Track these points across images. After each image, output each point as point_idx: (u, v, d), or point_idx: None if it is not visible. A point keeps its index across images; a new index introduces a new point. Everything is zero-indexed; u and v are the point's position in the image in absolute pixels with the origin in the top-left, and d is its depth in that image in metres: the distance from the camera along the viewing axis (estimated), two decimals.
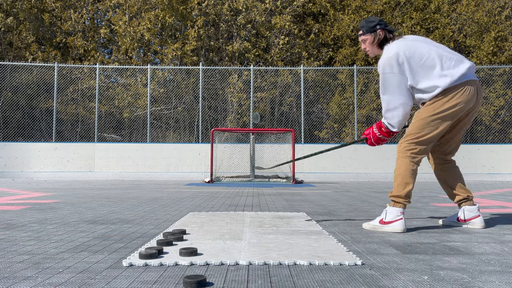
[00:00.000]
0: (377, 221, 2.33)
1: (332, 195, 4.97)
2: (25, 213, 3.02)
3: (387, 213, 2.28)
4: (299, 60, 13.83)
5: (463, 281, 1.30)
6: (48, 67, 11.03)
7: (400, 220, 2.24)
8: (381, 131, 2.42)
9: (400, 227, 2.24)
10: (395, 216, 2.25)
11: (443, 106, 2.21)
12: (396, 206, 2.27)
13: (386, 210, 2.30)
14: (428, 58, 2.23)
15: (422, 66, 2.23)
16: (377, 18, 2.43)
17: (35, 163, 10.09)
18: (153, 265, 1.48)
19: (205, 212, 3.11)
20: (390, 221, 2.26)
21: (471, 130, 11.90)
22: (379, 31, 2.39)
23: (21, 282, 1.28)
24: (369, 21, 2.43)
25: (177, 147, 10.33)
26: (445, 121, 2.24)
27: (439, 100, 2.22)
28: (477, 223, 2.40)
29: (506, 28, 13.30)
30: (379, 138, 2.45)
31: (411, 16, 13.90)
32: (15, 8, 13.31)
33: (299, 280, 1.31)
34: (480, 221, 2.40)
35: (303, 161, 10.09)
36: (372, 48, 2.44)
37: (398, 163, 2.33)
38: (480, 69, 11.71)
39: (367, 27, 2.41)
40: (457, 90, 2.20)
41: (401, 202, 2.27)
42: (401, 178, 2.28)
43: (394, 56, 2.25)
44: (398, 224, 2.24)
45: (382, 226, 2.29)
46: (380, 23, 2.40)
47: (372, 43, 2.42)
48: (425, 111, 2.26)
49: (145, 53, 13.93)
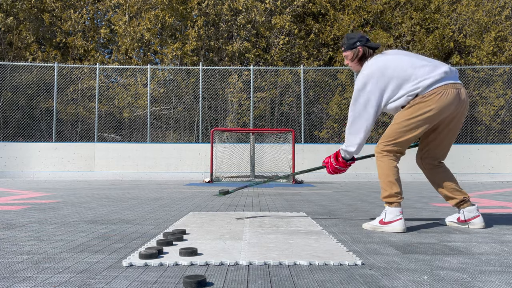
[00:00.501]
0: (377, 221, 2.34)
1: (332, 195, 4.97)
2: (25, 213, 3.02)
3: (386, 213, 2.29)
4: (299, 60, 13.83)
5: (463, 281, 1.30)
6: (48, 67, 11.03)
7: (400, 220, 2.26)
8: (337, 161, 2.51)
9: (400, 227, 2.25)
10: (394, 216, 2.27)
11: (420, 110, 2.23)
12: (392, 206, 2.28)
13: (386, 210, 2.31)
14: (402, 69, 2.26)
15: (397, 78, 2.26)
16: (358, 35, 2.45)
17: (35, 163, 10.09)
18: (153, 265, 1.48)
19: (205, 212, 3.11)
20: (390, 221, 2.27)
21: (471, 130, 11.90)
22: (358, 48, 2.41)
23: (21, 282, 1.28)
24: (349, 37, 2.46)
25: (177, 147, 10.33)
26: (422, 125, 2.25)
27: (416, 104, 2.24)
28: (477, 223, 2.40)
29: (506, 28, 13.30)
30: (336, 168, 2.54)
31: (411, 16, 13.90)
32: (15, 8, 13.31)
33: (299, 280, 1.31)
34: (480, 221, 2.40)
35: (303, 161, 10.10)
36: (352, 64, 2.47)
37: (378, 164, 2.36)
38: (480, 69, 11.71)
39: (347, 44, 2.45)
40: (433, 95, 2.21)
41: (395, 201, 2.28)
42: (385, 177, 2.31)
43: (369, 75, 2.29)
44: (397, 224, 2.26)
45: (382, 226, 2.30)
46: (360, 40, 2.42)
47: (352, 59, 2.45)
48: (402, 115, 2.29)
49: (145, 53, 13.93)
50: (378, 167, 2.37)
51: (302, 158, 10.17)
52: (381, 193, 2.35)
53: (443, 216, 2.99)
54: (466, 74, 11.52)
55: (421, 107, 2.23)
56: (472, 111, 11.86)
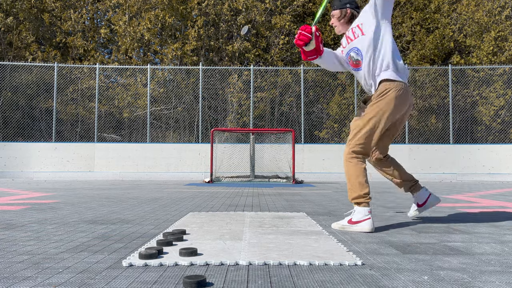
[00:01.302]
0: (346, 221, 2.34)
1: (332, 195, 4.97)
2: (25, 213, 3.02)
3: (354, 213, 2.31)
4: (299, 60, 13.83)
5: (463, 281, 1.30)
6: (48, 67, 11.03)
7: (368, 219, 2.27)
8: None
9: (368, 227, 2.26)
10: (363, 216, 2.28)
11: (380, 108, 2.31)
12: (361, 206, 2.30)
13: (354, 210, 2.32)
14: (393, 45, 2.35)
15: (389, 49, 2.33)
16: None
17: (35, 163, 10.09)
18: (153, 265, 1.48)
19: (205, 212, 3.11)
20: (358, 220, 2.28)
21: (471, 130, 11.91)
22: (347, 9, 2.45)
23: (21, 282, 1.28)
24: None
25: (177, 147, 10.33)
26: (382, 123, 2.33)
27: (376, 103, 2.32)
28: (433, 201, 2.61)
29: (506, 28, 13.30)
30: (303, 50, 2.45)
31: (411, 16, 13.90)
32: (15, 8, 13.31)
33: (299, 280, 1.31)
34: (434, 198, 2.61)
35: (303, 161, 10.09)
36: (338, 24, 2.49)
37: (347, 165, 2.39)
38: (480, 69, 11.70)
39: (338, 3, 2.49)
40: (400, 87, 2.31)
41: (363, 201, 2.30)
42: (355, 178, 2.34)
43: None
44: (366, 223, 2.26)
45: (351, 225, 2.31)
46: (351, 2, 2.46)
47: (338, 19, 2.48)
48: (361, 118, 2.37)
49: (145, 53, 13.93)
50: (345, 169, 2.40)
51: (302, 158, 10.17)
52: (349, 194, 2.36)
53: (443, 216, 2.99)
54: (466, 74, 11.52)
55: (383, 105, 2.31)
56: (472, 111, 11.86)
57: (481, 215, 3.07)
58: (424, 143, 10.63)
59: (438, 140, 11.18)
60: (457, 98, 11.52)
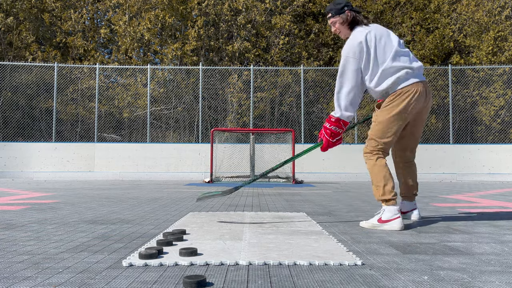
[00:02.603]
0: (376, 219, 2.35)
1: (332, 195, 4.97)
2: (25, 213, 3.02)
3: (384, 212, 2.32)
4: (299, 60, 13.83)
5: (463, 281, 1.30)
6: (48, 67, 11.03)
7: (398, 218, 2.29)
8: (331, 122, 2.45)
9: (398, 225, 2.28)
10: (393, 215, 2.30)
11: (396, 108, 2.34)
12: (389, 204, 2.31)
13: (384, 209, 2.33)
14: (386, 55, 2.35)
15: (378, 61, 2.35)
16: (344, 0, 2.50)
17: (35, 163, 10.09)
18: (153, 265, 1.48)
19: (205, 212, 3.11)
20: (388, 219, 2.30)
21: (471, 130, 11.91)
22: (347, 12, 2.47)
23: (21, 282, 1.28)
24: (336, 3, 2.51)
25: (177, 147, 10.33)
26: (400, 121, 2.37)
27: (390, 103, 2.35)
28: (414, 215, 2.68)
29: (506, 28, 13.30)
30: (332, 130, 2.45)
31: (411, 16, 13.90)
32: (15, 8, 13.31)
33: (299, 280, 1.31)
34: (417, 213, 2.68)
35: (303, 161, 10.09)
36: (342, 29, 2.51)
37: (369, 164, 2.42)
38: (480, 69, 11.70)
39: (335, 9, 2.49)
40: (405, 92, 2.34)
41: (391, 198, 2.32)
42: (379, 176, 2.36)
43: (359, 42, 2.35)
44: (396, 222, 2.28)
45: (381, 224, 2.32)
46: (347, 5, 2.48)
47: (342, 24, 2.49)
48: (381, 114, 2.39)
49: (145, 53, 13.93)
50: (369, 168, 2.42)
51: (302, 158, 10.17)
52: (375, 193, 2.38)
53: (443, 216, 2.99)
54: (466, 74, 11.52)
55: (399, 103, 2.34)
56: (472, 111, 11.86)
57: (481, 215, 3.07)
58: (424, 143, 10.63)
59: (438, 140, 11.18)
60: (457, 98, 11.53)
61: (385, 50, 2.35)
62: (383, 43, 2.37)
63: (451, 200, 4.38)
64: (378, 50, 2.35)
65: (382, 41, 2.37)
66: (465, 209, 3.47)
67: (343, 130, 2.46)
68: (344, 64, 2.37)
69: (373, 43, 2.35)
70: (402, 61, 2.36)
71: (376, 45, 2.35)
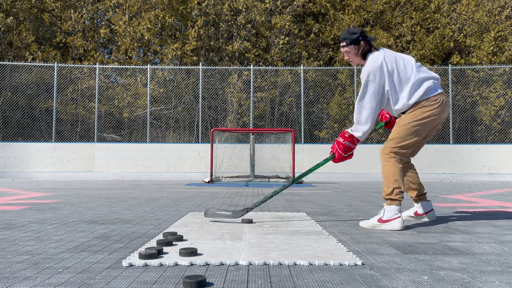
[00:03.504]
0: (376, 219, 2.35)
1: (332, 195, 4.97)
2: (25, 213, 3.02)
3: (385, 212, 2.33)
4: (299, 60, 13.83)
5: (463, 281, 1.30)
6: (47, 67, 11.03)
7: (398, 218, 2.30)
8: (345, 137, 2.52)
9: (399, 225, 2.29)
10: (393, 215, 2.31)
11: (423, 114, 2.39)
12: (392, 204, 2.33)
13: (384, 208, 2.34)
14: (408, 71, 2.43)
15: (402, 78, 2.42)
16: (359, 30, 2.56)
17: (34, 163, 10.09)
18: (153, 265, 1.48)
19: None
20: (389, 219, 2.31)
21: (471, 130, 11.91)
22: (362, 42, 2.52)
23: (21, 282, 1.28)
24: (351, 32, 2.54)
25: (177, 147, 10.33)
26: (424, 128, 2.42)
27: (418, 108, 2.40)
28: (431, 216, 2.69)
29: (506, 28, 13.30)
30: (346, 145, 2.51)
31: (411, 16, 13.89)
32: (15, 8, 13.31)
33: (299, 280, 1.31)
34: (433, 214, 2.70)
35: (303, 161, 10.09)
36: (355, 58, 2.58)
37: (384, 165, 2.45)
38: (480, 69, 11.70)
39: (350, 38, 2.53)
40: (433, 100, 2.40)
41: (395, 199, 2.34)
42: (391, 176, 2.39)
43: (380, 65, 2.41)
44: (396, 222, 2.30)
45: (381, 224, 2.33)
46: (362, 34, 2.53)
47: (356, 54, 2.55)
48: (407, 118, 2.43)
49: (145, 53, 13.93)
50: (383, 167, 2.45)
51: (302, 158, 10.17)
52: (384, 191, 2.40)
53: (443, 215, 2.99)
54: (466, 74, 11.52)
55: (424, 111, 2.39)
56: (472, 111, 11.86)
57: (481, 215, 3.07)
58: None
59: (438, 140, 11.18)
60: (457, 98, 11.52)
61: (405, 68, 2.43)
62: (401, 61, 2.45)
63: (451, 200, 4.38)
64: (400, 69, 2.43)
65: (399, 60, 2.46)
66: (465, 209, 3.47)
67: (355, 146, 2.53)
68: (364, 87, 2.44)
69: (394, 64, 2.43)
70: (425, 72, 2.44)
71: (396, 65, 2.43)
